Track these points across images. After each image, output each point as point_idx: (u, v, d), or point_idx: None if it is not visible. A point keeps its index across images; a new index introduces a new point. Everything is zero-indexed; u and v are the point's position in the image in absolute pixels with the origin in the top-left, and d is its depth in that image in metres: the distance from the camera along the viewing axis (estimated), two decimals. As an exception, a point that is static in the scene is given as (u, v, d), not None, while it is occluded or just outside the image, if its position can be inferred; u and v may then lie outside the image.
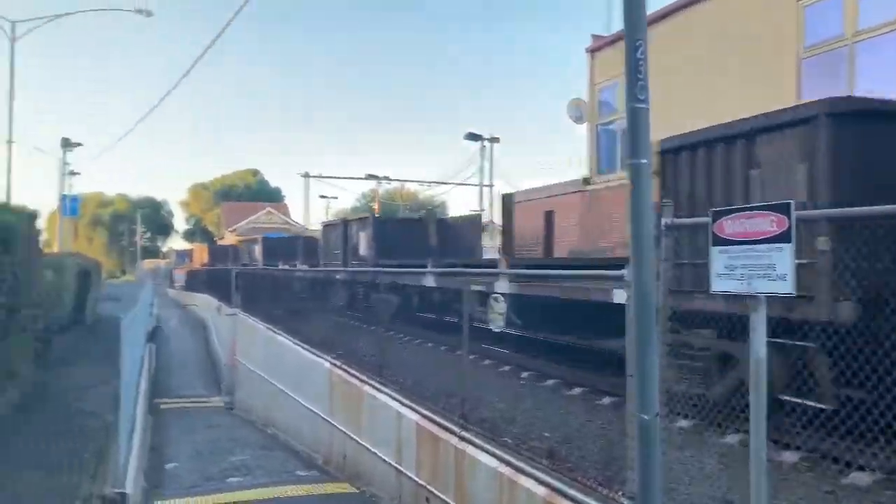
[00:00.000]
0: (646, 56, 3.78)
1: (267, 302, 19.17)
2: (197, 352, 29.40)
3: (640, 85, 3.73)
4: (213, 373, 26.20)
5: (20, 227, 10.70)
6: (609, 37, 15.58)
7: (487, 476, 6.43)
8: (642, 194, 3.84)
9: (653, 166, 4.28)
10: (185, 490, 9.37)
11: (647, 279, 3.88)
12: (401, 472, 8.34)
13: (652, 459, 3.78)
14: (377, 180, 49.04)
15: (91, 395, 12.69)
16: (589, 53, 15.98)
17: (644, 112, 3.77)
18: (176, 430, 16.37)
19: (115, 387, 12.80)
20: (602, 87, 15.69)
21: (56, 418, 11.02)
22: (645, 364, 3.82)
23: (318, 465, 10.98)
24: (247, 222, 63.93)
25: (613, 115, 15.37)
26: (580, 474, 5.58)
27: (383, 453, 8.93)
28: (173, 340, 29.79)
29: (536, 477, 5.81)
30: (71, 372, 15.01)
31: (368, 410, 9.80)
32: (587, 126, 15.87)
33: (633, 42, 3.76)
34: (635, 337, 3.96)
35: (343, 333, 13.21)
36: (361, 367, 11.00)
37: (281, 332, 16.07)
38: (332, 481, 10.05)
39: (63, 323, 16.94)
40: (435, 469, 7.52)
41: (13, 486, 7.69)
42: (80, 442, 9.68)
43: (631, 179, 3.82)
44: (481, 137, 37.41)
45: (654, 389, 3.82)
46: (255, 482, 9.92)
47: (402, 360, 10.67)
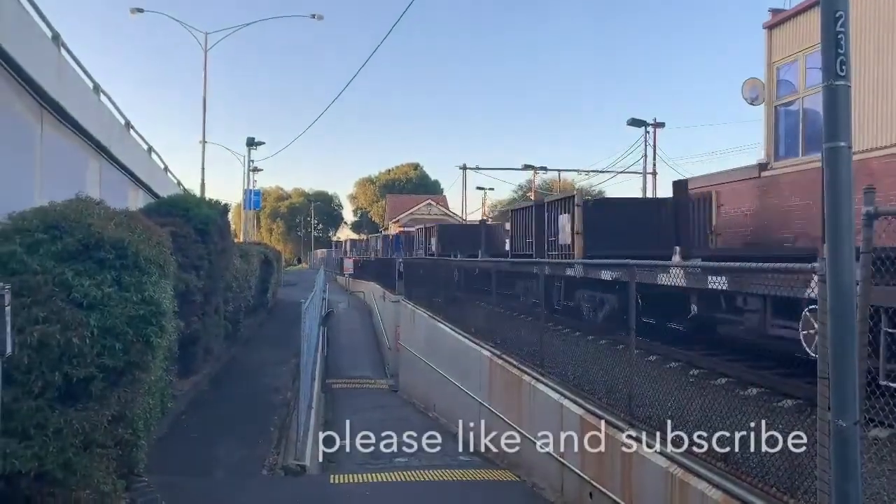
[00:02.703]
0: (847, 29, 3.43)
1: (430, 290, 19.75)
2: (364, 336, 31.01)
3: (840, 60, 3.39)
4: (378, 356, 27.54)
5: (215, 219, 11.83)
6: (789, 11, 14.33)
7: (656, 475, 6.21)
8: (841, 180, 3.50)
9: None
10: (357, 466, 9.92)
11: (846, 272, 3.53)
12: (564, 464, 8.28)
13: (850, 470, 3.45)
14: (534, 170, 48.81)
15: (273, 372, 13.86)
16: (766, 30, 14.80)
17: (845, 90, 3.43)
18: (346, 409, 17.42)
19: (293, 366, 13.89)
20: (781, 64, 14.49)
21: (245, 393, 12.15)
22: (843, 364, 3.49)
23: (479, 450, 11.18)
24: (408, 213, 66.33)
25: (794, 95, 14.15)
26: (759, 480, 5.24)
27: (544, 444, 8.91)
28: (343, 324, 31.64)
29: (711, 480, 5.53)
30: (256, 350, 16.47)
31: (529, 400, 9.83)
32: (764, 108, 14.74)
33: (832, 13, 3.42)
34: (830, 335, 3.63)
35: (502, 322, 13.32)
36: (521, 356, 11.05)
37: (444, 321, 16.52)
38: (494, 468, 10.19)
39: (249, 306, 18.59)
40: (600, 464, 7.39)
41: (212, 452, 8.60)
42: (266, 415, 10.60)
43: (828, 164, 3.50)
44: (645, 123, 35.94)
45: (854, 393, 3.48)
46: (420, 464, 10.29)
47: (561, 351, 10.58)
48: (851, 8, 3.55)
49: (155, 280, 5.50)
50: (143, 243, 5.69)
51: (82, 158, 11.98)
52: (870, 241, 4.14)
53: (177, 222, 10.05)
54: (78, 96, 11.03)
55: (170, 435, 8.87)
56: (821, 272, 4.06)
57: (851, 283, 3.62)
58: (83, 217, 5.51)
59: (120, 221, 5.87)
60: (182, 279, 9.09)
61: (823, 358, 4.01)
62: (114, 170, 14.07)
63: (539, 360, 10.22)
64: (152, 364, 5.43)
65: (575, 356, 10.06)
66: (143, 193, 16.89)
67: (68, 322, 4.74)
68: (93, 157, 12.53)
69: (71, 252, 5.20)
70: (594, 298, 13.42)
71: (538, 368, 10.08)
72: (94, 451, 4.87)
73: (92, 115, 11.92)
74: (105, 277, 5.13)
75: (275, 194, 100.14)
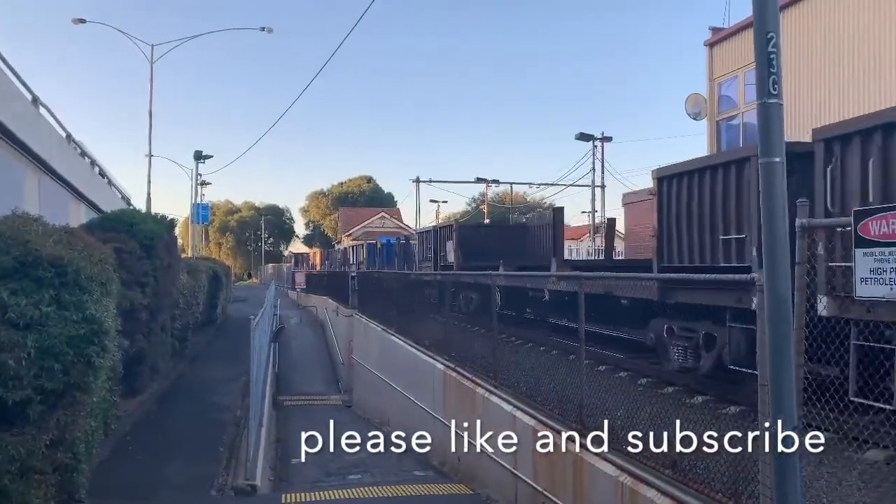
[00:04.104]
0: (778, 49, 3.58)
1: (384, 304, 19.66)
2: (316, 351, 30.63)
3: (772, 79, 3.54)
4: (331, 371, 27.22)
5: (161, 234, 11.58)
6: (729, 29, 14.90)
7: (607, 484, 6.30)
8: (776, 195, 3.64)
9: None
10: (309, 484, 9.78)
11: (782, 283, 3.67)
12: (517, 476, 8.32)
13: (790, 474, 3.57)
14: (486, 183, 49.25)
15: (223, 390, 13.57)
16: (707, 47, 15.35)
17: (777, 108, 3.58)
18: (298, 426, 17.14)
19: (243, 383, 13.62)
20: (722, 81, 15.03)
21: (193, 411, 11.87)
22: (781, 372, 3.62)
23: (434, 465, 11.14)
24: (361, 226, 66.02)
25: (734, 110, 14.67)
26: (706, 486, 5.36)
27: (498, 457, 8.94)
28: (294, 340, 31.20)
29: (659, 487, 5.63)
30: (204, 368, 16.11)
31: (482, 412, 9.86)
32: (707, 123, 15.24)
33: (764, 35, 3.57)
34: (769, 344, 3.76)
35: (456, 335, 13.35)
36: (475, 368, 11.07)
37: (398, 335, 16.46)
38: (448, 482, 10.17)
39: (197, 322, 18.19)
40: (552, 474, 7.45)
41: (158, 474, 8.36)
42: (215, 433, 10.37)
43: (763, 179, 3.63)
44: (592, 137, 36.69)
45: (791, 400, 3.61)
46: (374, 480, 10.22)
47: (514, 362, 10.65)
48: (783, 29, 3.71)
49: (97, 298, 5.35)
50: (85, 261, 5.54)
51: (19, 172, 11.58)
52: (804, 252, 4.31)
53: (121, 238, 9.80)
54: (14, 108, 10.67)
55: (114, 457, 8.59)
56: (759, 282, 4.21)
57: (787, 293, 3.76)
58: (20, 234, 5.33)
59: (60, 238, 5.70)
60: (126, 296, 8.85)
61: (763, 366, 4.14)
62: (54, 184, 13.64)
63: (492, 373, 10.26)
64: (94, 385, 5.27)
65: (527, 368, 10.14)
66: (86, 208, 16.41)
67: (3, 343, 4.58)
68: (31, 170, 12.13)
69: (7, 270, 5.03)
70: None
71: (491, 381, 10.13)
72: (31, 478, 4.69)
73: (30, 128, 11.54)
74: (43, 296, 4.97)
75: (224, 208, 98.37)
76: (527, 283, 14.18)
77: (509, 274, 14.24)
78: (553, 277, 12.00)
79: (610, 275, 10.12)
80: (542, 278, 12.97)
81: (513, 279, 13.63)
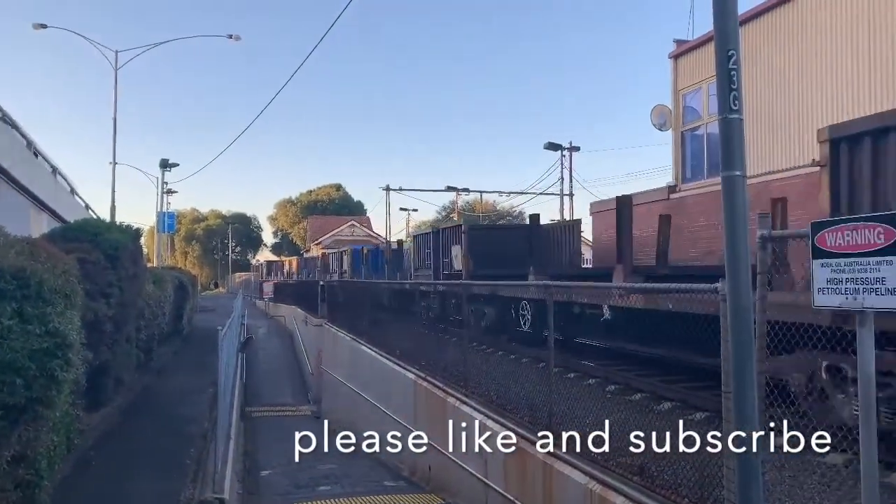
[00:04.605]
0: (738, 66, 3.70)
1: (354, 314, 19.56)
2: (285, 361, 30.34)
3: (733, 95, 3.65)
4: (300, 382, 26.98)
5: (126, 244, 11.38)
6: (692, 42, 15.23)
7: (577, 491, 6.36)
8: (737, 206, 3.75)
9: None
10: (278, 497, 9.69)
11: (744, 293, 3.77)
12: (488, 485, 8.35)
13: (753, 479, 3.66)
14: (456, 191, 49.39)
15: (189, 402, 13.36)
16: (672, 59, 15.66)
17: (737, 123, 3.69)
18: (267, 438, 16.94)
19: (211, 395, 13.43)
20: (686, 92, 15.34)
21: (159, 424, 11.65)
22: (743, 379, 3.71)
23: (404, 475, 11.12)
24: (331, 235, 65.65)
25: (698, 121, 14.98)
26: (672, 492, 5.45)
27: (469, 466, 8.96)
28: (263, 350, 30.88)
29: (628, 494, 5.71)
30: (171, 380, 15.84)
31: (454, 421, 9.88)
32: (672, 133, 15.52)
33: (724, 52, 3.68)
34: (732, 352, 3.86)
35: (427, 344, 13.35)
36: (446, 378, 11.09)
37: (368, 345, 16.39)
38: (419, 492, 10.16)
39: (163, 333, 17.89)
40: (522, 482, 7.49)
41: (123, 489, 8.19)
42: (181, 446, 10.20)
43: (725, 192, 3.74)
44: (561, 147, 37.09)
45: (754, 406, 3.70)
46: (344, 491, 10.16)
47: (485, 371, 10.69)
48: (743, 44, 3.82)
49: (60, 311, 5.25)
50: (48, 272, 5.43)
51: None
52: (765, 263, 4.43)
53: (84, 248, 9.61)
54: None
55: (76, 473, 8.40)
56: (722, 292, 4.31)
57: (749, 302, 3.86)
58: (-20, 246, 5.22)
59: (21, 249, 5.59)
60: (90, 308, 8.67)
61: (727, 374, 4.24)
62: (15, 193, 13.34)
63: (463, 381, 10.29)
64: (57, 399, 5.16)
65: (498, 376, 10.20)
66: (48, 218, 16.07)
67: (-37, 358, 4.46)
68: (-9, 180, 11.86)
69: (-34, 283, 4.91)
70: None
71: (462, 390, 10.16)
72: (-9, 496, 4.58)
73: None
74: (5, 309, 4.87)
75: (190, 216, 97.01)
76: (582, 297, 10.43)
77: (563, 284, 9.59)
78: (617, 289, 9.39)
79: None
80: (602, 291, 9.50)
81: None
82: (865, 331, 3.61)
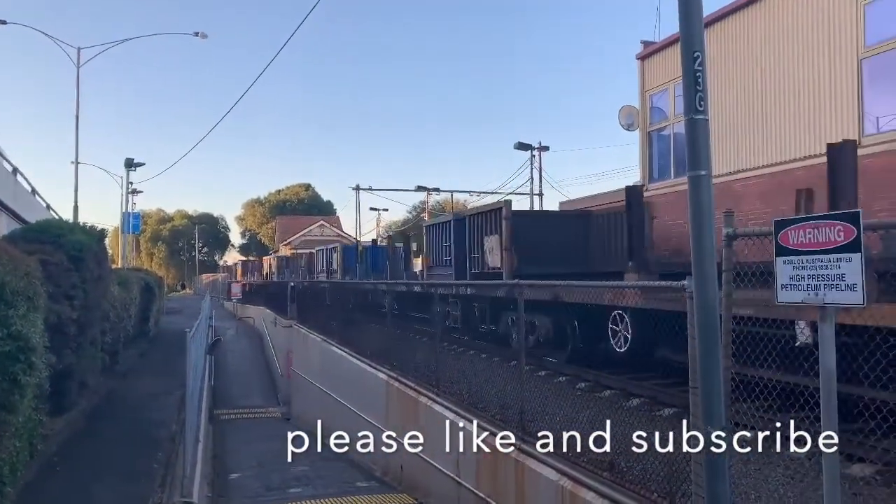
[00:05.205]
0: (704, 67, 3.77)
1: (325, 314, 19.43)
2: (254, 363, 30.04)
3: (699, 97, 3.72)
4: (270, 383, 26.73)
5: (90, 245, 11.16)
6: (659, 43, 15.41)
7: (549, 488, 6.41)
8: (703, 205, 3.82)
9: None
10: (248, 500, 9.60)
11: (710, 290, 3.84)
12: (460, 483, 8.38)
13: (720, 472, 3.73)
14: (427, 191, 49.40)
15: (156, 405, 13.15)
16: (639, 60, 15.83)
17: (703, 123, 3.76)
18: (236, 440, 16.77)
19: (178, 398, 13.24)
20: (653, 93, 15.53)
21: (125, 428, 11.44)
22: (710, 375, 3.78)
23: (377, 476, 11.09)
24: (300, 235, 65.15)
25: (665, 122, 15.19)
26: (642, 487, 5.53)
27: (441, 465, 8.97)
28: (231, 352, 30.52)
29: (598, 490, 5.78)
30: (137, 383, 15.56)
31: (426, 421, 9.88)
32: (639, 133, 15.70)
33: (690, 53, 3.75)
34: (698, 348, 3.93)
35: (398, 344, 13.32)
36: (417, 377, 11.08)
37: (339, 345, 16.28)
38: (391, 492, 10.14)
39: (129, 336, 17.58)
40: (494, 480, 7.53)
41: (88, 495, 8.03)
42: (149, 450, 10.04)
43: (691, 191, 3.80)
44: (531, 147, 37.32)
45: (720, 402, 3.78)
46: (316, 493, 10.10)
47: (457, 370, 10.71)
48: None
49: (23, 314, 5.14)
50: (10, 275, 5.31)
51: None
52: (730, 260, 4.52)
53: (47, 249, 9.40)
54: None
55: (40, 479, 8.21)
56: (689, 289, 4.39)
57: (715, 299, 3.94)
58: (-61, 247, 5.08)
59: (-18, 251, 5.45)
60: (54, 310, 8.49)
61: (694, 370, 4.32)
62: (-27, 193, 12.99)
63: (435, 381, 10.30)
64: (20, 404, 5.06)
65: (469, 375, 10.22)
66: (8, 218, 15.68)
67: (-78, 363, 4.34)
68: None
69: (-76, 286, 4.78)
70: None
71: (434, 389, 10.16)
72: (-48, 503, 4.46)
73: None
74: (-35, 313, 4.75)
75: (156, 217, 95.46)
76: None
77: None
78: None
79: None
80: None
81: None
82: (826, 326, 3.71)
